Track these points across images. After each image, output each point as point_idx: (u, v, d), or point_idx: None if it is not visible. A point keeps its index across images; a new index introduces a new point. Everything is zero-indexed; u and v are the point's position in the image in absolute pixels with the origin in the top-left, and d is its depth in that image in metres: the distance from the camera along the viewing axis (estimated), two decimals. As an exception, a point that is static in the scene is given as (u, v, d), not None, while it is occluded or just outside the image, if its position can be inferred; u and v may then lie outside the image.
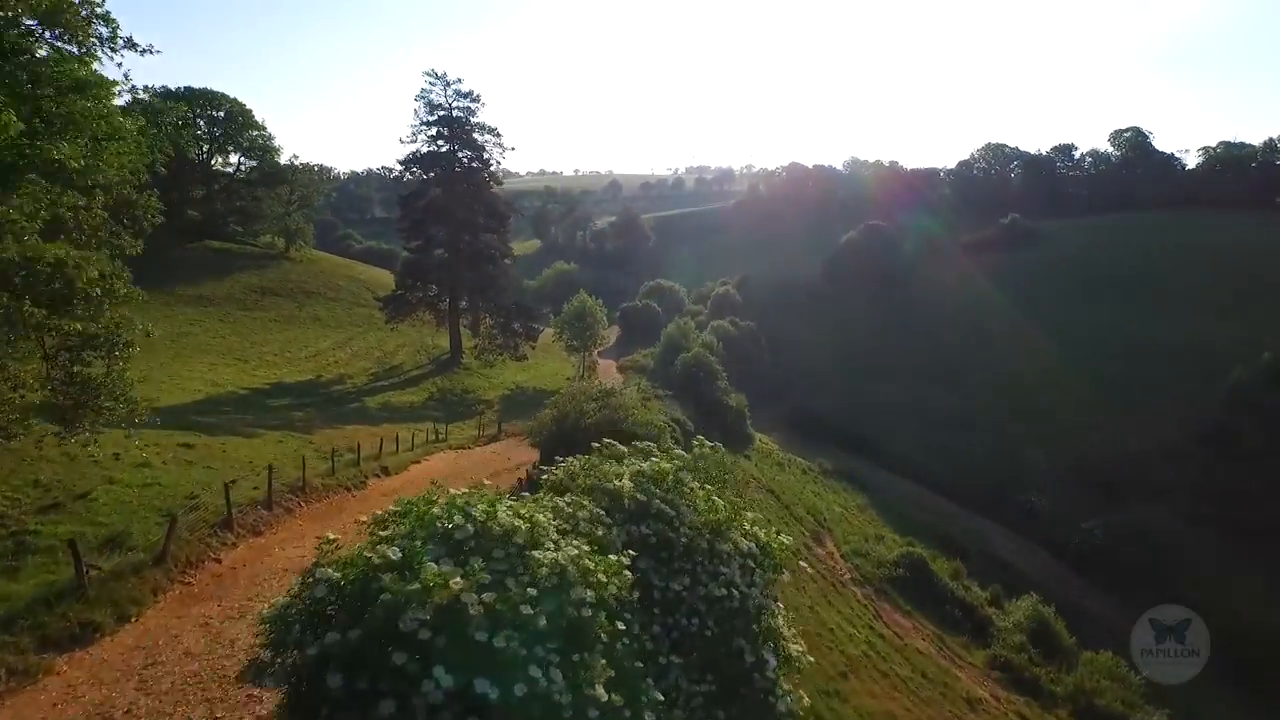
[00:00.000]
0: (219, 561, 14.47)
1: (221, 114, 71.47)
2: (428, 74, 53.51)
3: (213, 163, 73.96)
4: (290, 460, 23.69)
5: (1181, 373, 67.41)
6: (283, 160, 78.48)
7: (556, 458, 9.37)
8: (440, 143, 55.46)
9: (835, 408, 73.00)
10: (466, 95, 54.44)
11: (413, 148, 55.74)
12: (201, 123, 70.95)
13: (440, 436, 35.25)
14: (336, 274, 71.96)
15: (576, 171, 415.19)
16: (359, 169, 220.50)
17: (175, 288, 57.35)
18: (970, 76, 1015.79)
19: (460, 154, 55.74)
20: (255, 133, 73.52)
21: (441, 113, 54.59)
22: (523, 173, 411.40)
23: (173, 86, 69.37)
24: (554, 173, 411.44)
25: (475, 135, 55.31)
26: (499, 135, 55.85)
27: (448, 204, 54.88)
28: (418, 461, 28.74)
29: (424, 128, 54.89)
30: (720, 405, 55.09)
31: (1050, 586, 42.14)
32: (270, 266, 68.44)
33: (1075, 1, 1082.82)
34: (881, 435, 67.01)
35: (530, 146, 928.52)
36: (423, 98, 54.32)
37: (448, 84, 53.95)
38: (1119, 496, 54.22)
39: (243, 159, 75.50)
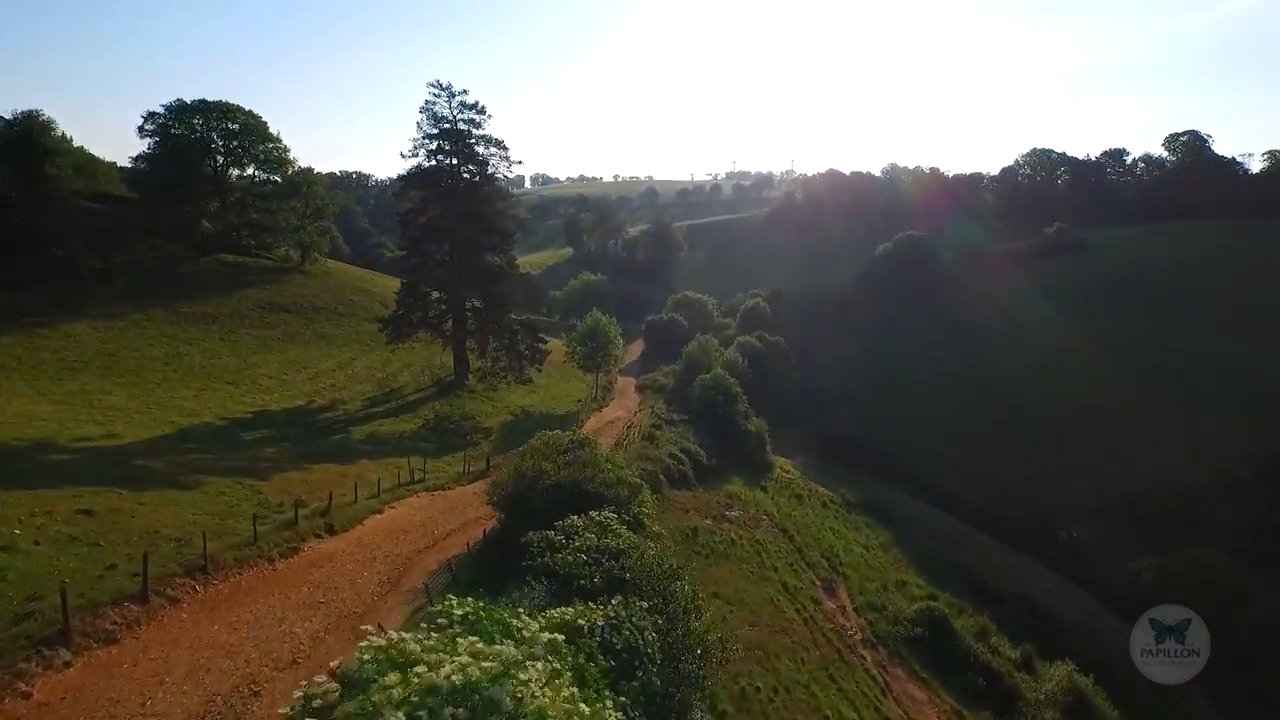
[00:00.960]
0: (28, 695, 11.45)
1: (236, 126, 70.54)
2: (431, 85, 51.16)
3: (228, 175, 72.98)
4: (225, 519, 21.34)
5: (1244, 397, 62.34)
6: (303, 168, 77.90)
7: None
8: (442, 157, 53.22)
9: (867, 429, 69.84)
10: (471, 107, 52.11)
11: (414, 162, 53.55)
12: (216, 135, 70.14)
13: (418, 476, 32.71)
14: (349, 287, 70.08)
15: (616, 177, 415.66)
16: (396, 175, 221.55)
17: (180, 304, 55.67)
18: (1014, 80, 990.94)
19: (463, 169, 53.49)
20: (270, 145, 72.45)
21: (445, 125, 52.33)
22: (561, 178, 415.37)
23: (188, 100, 68.97)
24: (593, 178, 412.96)
25: (479, 149, 52.92)
26: (505, 149, 53.50)
27: (449, 221, 52.63)
28: (380, 511, 26.09)
29: (426, 141, 52.70)
30: (739, 431, 52.39)
31: (1093, 637, 38.53)
32: (282, 280, 66.77)
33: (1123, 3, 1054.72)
34: (917, 460, 63.53)
35: (570, 152, 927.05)
36: (427, 110, 52.18)
37: (452, 95, 51.58)
38: (1173, 533, 49.69)
39: (257, 171, 74.48)
